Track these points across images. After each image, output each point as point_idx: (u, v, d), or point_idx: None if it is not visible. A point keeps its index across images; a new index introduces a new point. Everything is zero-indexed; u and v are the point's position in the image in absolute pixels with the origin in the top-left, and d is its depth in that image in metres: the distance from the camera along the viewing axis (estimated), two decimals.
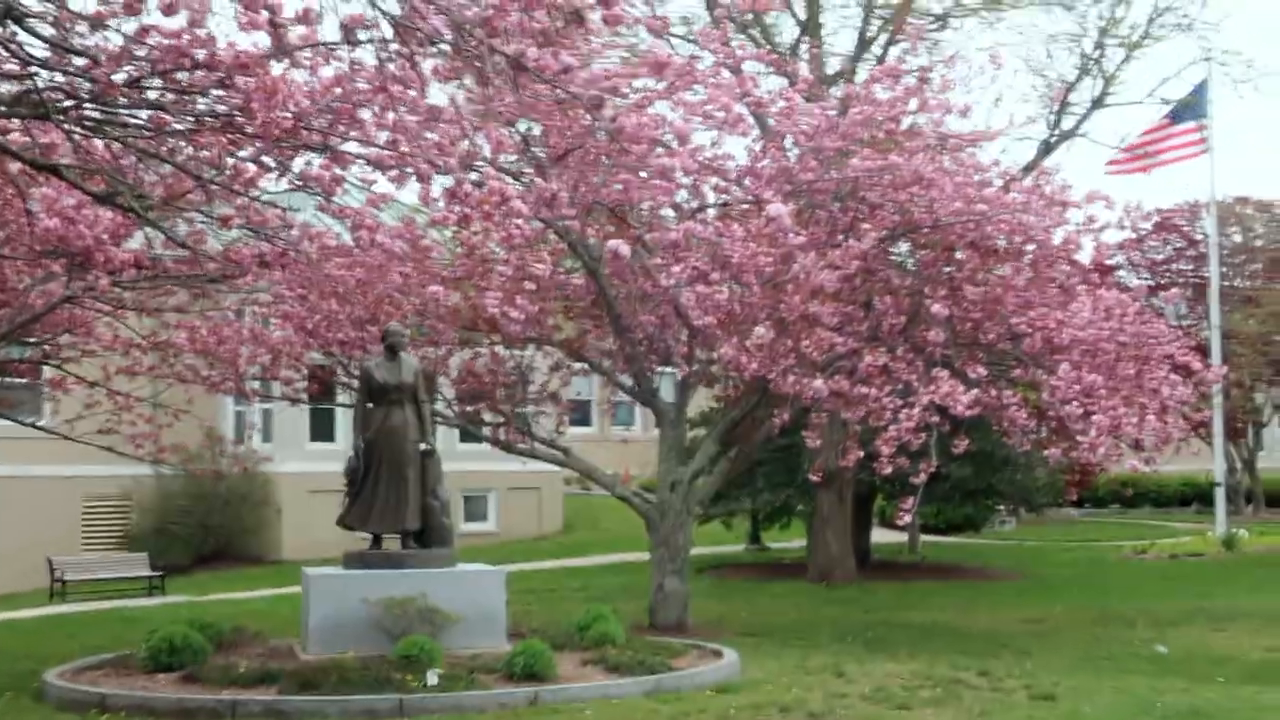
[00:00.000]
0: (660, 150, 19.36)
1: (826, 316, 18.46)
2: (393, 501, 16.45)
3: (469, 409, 23.62)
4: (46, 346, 21.26)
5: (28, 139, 12.68)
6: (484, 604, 16.15)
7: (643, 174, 17.13)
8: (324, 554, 23.61)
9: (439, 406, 22.79)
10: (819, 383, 17.87)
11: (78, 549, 36.16)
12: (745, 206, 19.51)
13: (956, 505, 34.33)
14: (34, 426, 22.40)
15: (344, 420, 37.86)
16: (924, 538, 37.55)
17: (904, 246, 21.40)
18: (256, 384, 22.83)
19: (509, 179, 13.59)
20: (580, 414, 46.80)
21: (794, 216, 19.12)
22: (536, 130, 19.79)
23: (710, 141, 20.92)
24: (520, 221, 19.08)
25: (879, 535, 36.15)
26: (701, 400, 30.66)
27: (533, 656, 14.41)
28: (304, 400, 23.17)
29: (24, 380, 22.84)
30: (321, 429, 36.94)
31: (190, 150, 12.56)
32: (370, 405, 16.81)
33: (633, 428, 48.15)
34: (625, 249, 11.73)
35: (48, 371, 22.20)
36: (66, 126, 12.20)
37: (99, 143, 14.95)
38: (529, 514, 41.08)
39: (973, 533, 40.21)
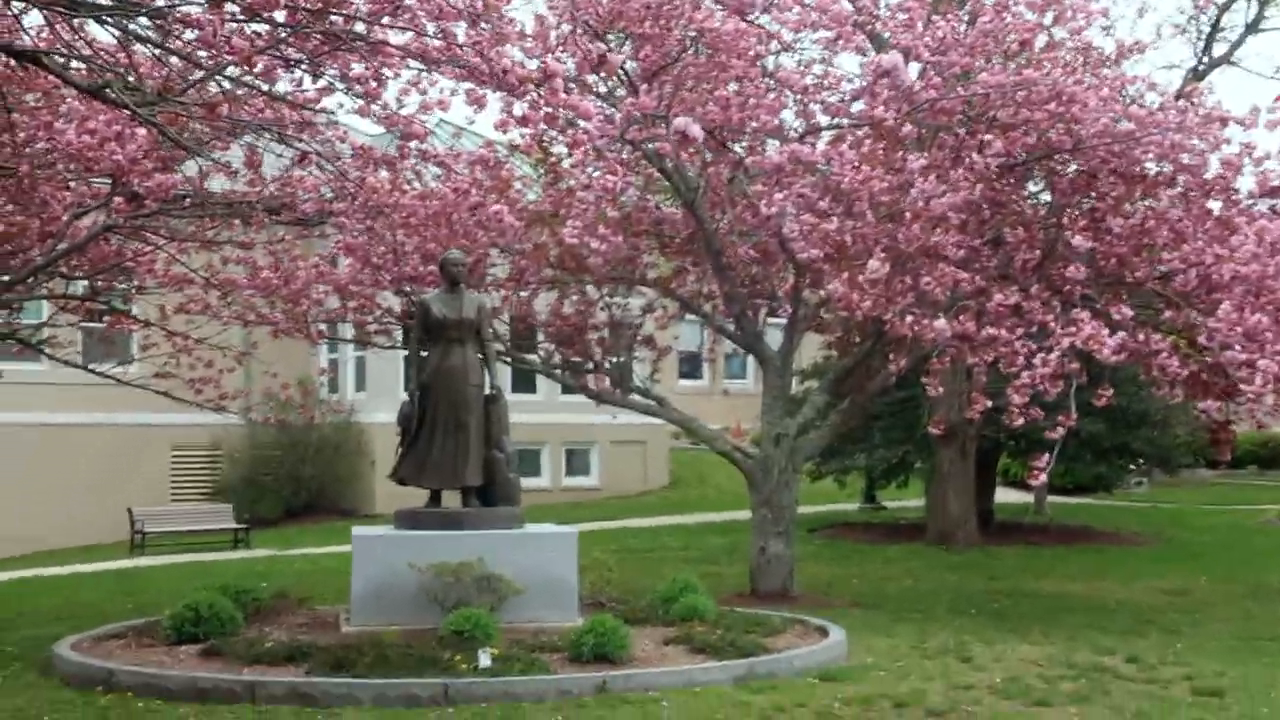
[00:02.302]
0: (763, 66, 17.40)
1: (950, 249, 16.23)
2: (451, 453, 14.50)
3: (553, 355, 21.67)
4: (97, 283, 19.64)
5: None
6: (552, 571, 14.16)
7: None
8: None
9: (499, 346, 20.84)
10: (941, 323, 15.64)
11: (167, 500, 34.90)
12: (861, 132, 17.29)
13: (1088, 464, 31.78)
14: (86, 369, 20.80)
15: None
16: (1051, 498, 35.05)
17: (1039, 173, 19.04)
18: (323, 326, 20.93)
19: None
20: (690, 366, 44.99)
21: (914, 139, 16.98)
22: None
23: (819, 58, 18.94)
24: (600, 142, 17.23)
25: (1002, 495, 33.82)
26: (813, 349, 28.65)
27: (603, 634, 12.40)
28: (377, 344, 21.30)
29: (87, 322, 21.19)
30: None
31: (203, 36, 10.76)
32: (427, 344, 14.88)
33: (744, 380, 45.95)
34: (696, 129, 9.69)
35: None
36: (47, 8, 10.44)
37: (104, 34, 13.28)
38: (633, 469, 39.32)
39: (1103, 494, 37.56)
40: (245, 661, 12.34)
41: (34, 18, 12.36)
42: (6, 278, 17.53)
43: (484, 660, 11.86)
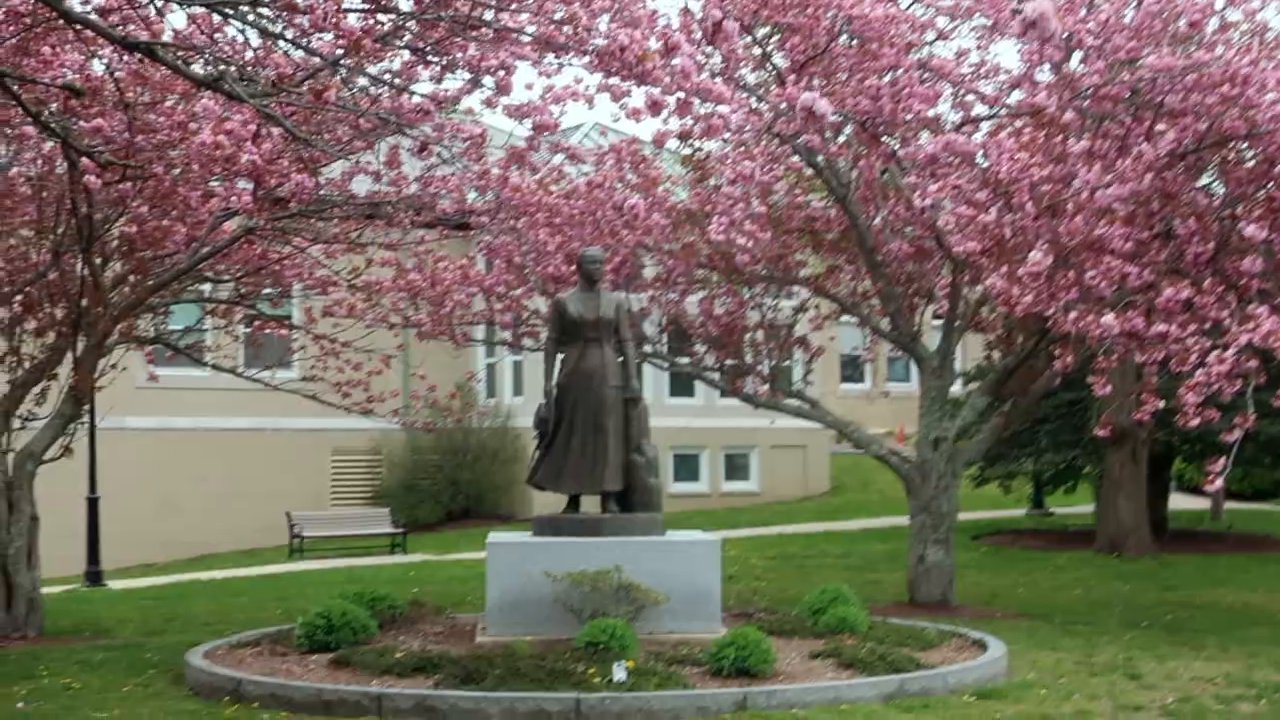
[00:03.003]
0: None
1: (1116, 242, 15.32)
2: (589, 457, 13.98)
3: (704, 357, 21.10)
4: (242, 287, 19.54)
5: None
6: (695, 580, 13.53)
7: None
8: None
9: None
10: (1108, 318, 14.75)
11: (327, 504, 35.03)
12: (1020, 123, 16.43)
13: (1267, 468, 30.30)
14: (236, 374, 20.74)
15: None
16: (1228, 504, 33.56)
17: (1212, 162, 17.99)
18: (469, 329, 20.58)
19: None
20: (852, 369, 44.16)
21: (1077, 128, 16.09)
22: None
23: (974, 45, 18.17)
24: (746, 135, 16.64)
25: (1177, 501, 32.46)
26: (977, 351, 27.72)
27: (745, 648, 11.76)
28: (524, 347, 20.89)
29: (229, 327, 21.11)
30: None
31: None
32: (564, 344, 14.40)
33: (908, 383, 44.91)
34: (824, 105, 9.07)
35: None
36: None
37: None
38: (793, 473, 38.63)
39: None
40: (374, 672, 11.93)
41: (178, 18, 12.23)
42: (150, 282, 17.47)
43: (619, 674, 11.32)
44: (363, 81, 11.48)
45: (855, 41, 16.26)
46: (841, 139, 17.48)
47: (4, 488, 17.24)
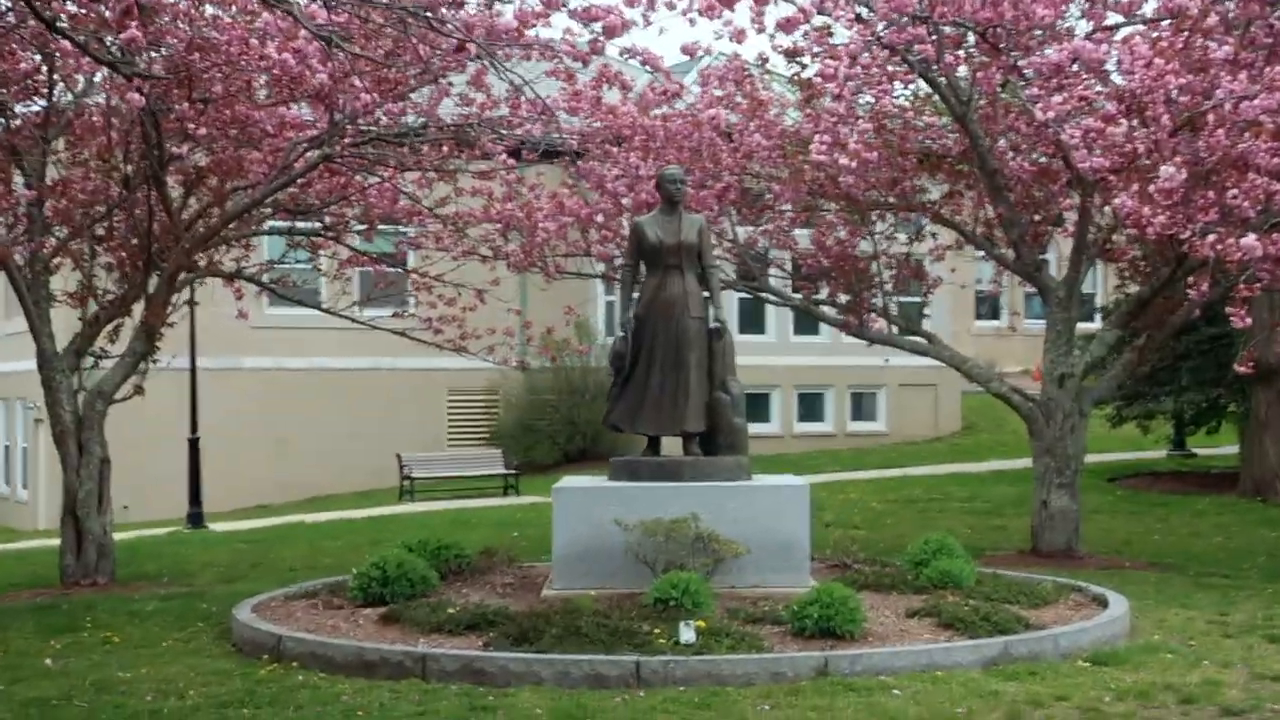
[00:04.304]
0: None
1: (1262, 157, 13.78)
2: (669, 395, 12.76)
3: (816, 288, 19.89)
4: (327, 218, 18.65)
5: None
6: (781, 529, 12.29)
7: None
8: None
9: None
10: (1250, 240, 13.25)
11: (444, 445, 34.34)
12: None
13: None
14: (323, 310, 19.93)
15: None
16: None
17: None
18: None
19: None
20: (987, 306, 42.53)
21: (1220, 33, 14.53)
22: None
23: None
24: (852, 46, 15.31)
25: None
26: (1114, 284, 26.17)
27: (830, 606, 10.53)
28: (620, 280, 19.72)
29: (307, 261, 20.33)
30: None
31: None
32: (642, 272, 13.23)
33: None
34: None
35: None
36: None
37: None
38: (923, 413, 37.27)
39: None
40: (424, 629, 10.93)
41: None
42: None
43: (686, 635, 10.19)
44: None
45: None
46: (960, 52, 16.08)
47: (73, 428, 16.55)
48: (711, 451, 12.84)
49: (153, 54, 13.48)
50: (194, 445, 26.51)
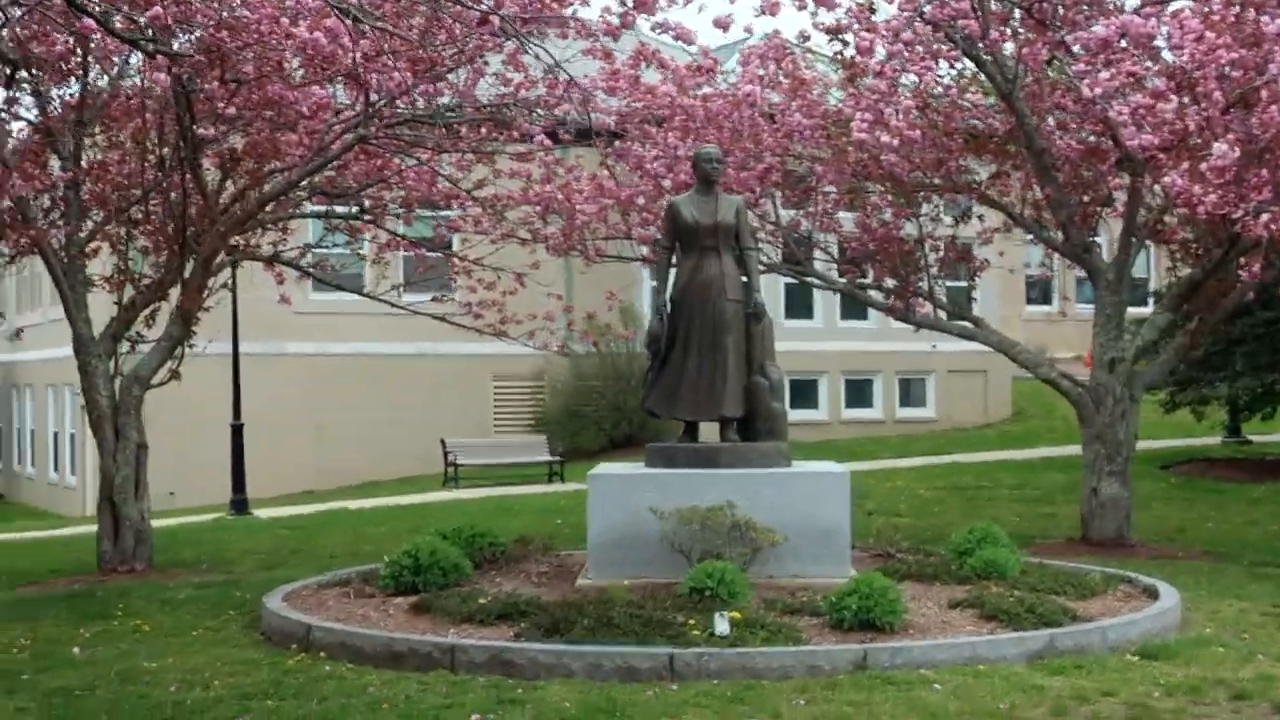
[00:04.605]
0: None
1: None
2: (706, 379, 12.44)
3: (861, 272, 19.57)
4: (366, 201, 18.46)
5: None
6: (821, 517, 11.97)
7: None
8: None
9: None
10: None
11: (490, 432, 34.14)
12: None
13: None
14: (362, 294, 19.75)
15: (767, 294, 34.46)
16: None
17: None
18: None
19: None
20: (1037, 291, 41.99)
21: (1274, 5, 14.11)
22: None
23: None
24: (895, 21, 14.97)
25: None
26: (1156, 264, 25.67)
27: (870, 597, 10.24)
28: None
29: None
30: None
31: None
32: (678, 253, 12.92)
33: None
34: None
35: None
36: None
37: None
38: (973, 399, 36.81)
39: None
40: (455, 619, 10.71)
41: None
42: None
43: (720, 626, 9.92)
44: None
45: None
46: (1006, 28, 15.72)
47: (110, 414, 16.41)
48: (750, 437, 12.55)
49: (183, 34, 13.36)
50: (237, 431, 26.38)
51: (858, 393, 36.08)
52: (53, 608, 13.30)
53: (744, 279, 12.67)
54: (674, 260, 12.92)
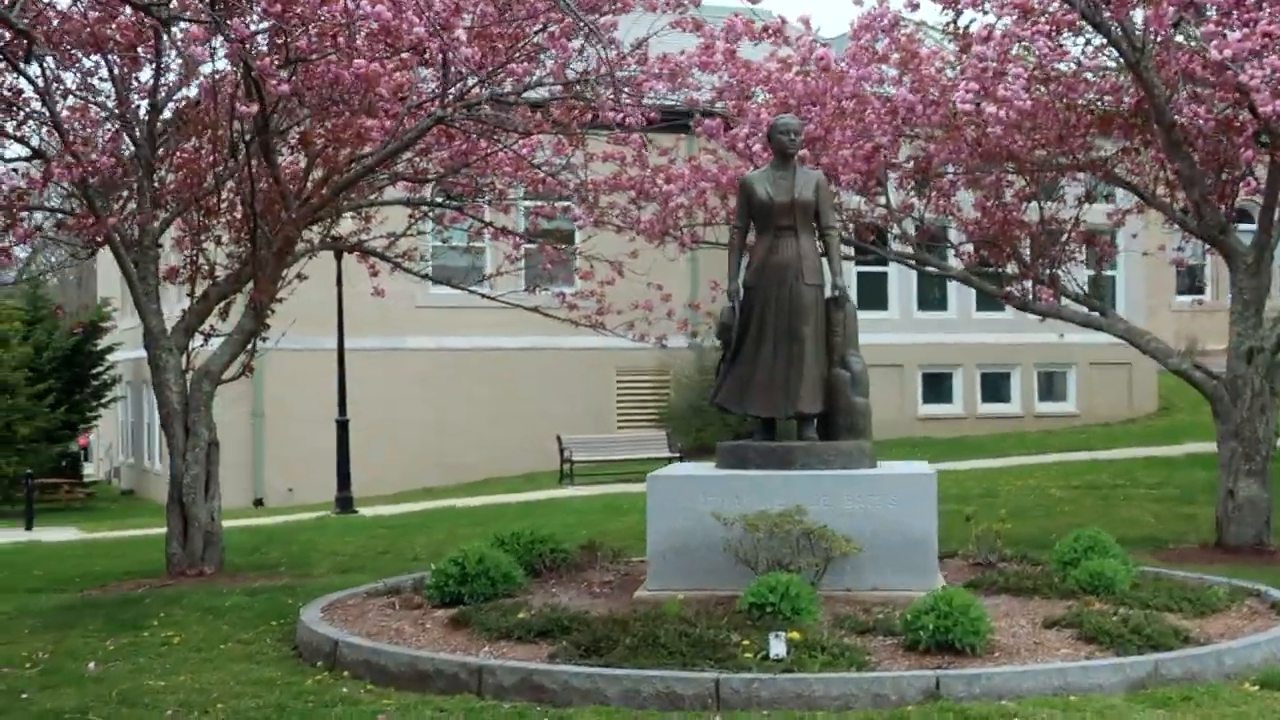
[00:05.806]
0: None
1: None
2: (781, 372, 11.34)
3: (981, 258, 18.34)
4: (450, 188, 17.66)
5: None
6: (905, 523, 10.78)
7: None
8: (886, 434, 19.25)
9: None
10: None
11: (614, 427, 33.31)
12: None
13: None
14: (447, 284, 18.99)
15: (898, 284, 33.25)
16: None
17: None
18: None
19: None
20: (1188, 278, 40.11)
21: None
22: None
23: None
24: None
25: None
26: None
27: (948, 615, 9.06)
28: None
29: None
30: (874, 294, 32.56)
31: None
32: (752, 234, 11.82)
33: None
34: None
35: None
36: None
37: None
38: (1116, 393, 35.17)
39: None
40: (493, 635, 9.76)
41: None
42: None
43: (776, 648, 8.83)
44: None
45: None
46: None
47: (180, 411, 15.74)
48: (830, 435, 11.42)
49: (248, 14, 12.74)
50: (342, 427, 25.81)
51: (994, 387, 34.65)
52: (89, 616, 12.59)
53: (825, 261, 11.55)
54: (748, 242, 11.84)
